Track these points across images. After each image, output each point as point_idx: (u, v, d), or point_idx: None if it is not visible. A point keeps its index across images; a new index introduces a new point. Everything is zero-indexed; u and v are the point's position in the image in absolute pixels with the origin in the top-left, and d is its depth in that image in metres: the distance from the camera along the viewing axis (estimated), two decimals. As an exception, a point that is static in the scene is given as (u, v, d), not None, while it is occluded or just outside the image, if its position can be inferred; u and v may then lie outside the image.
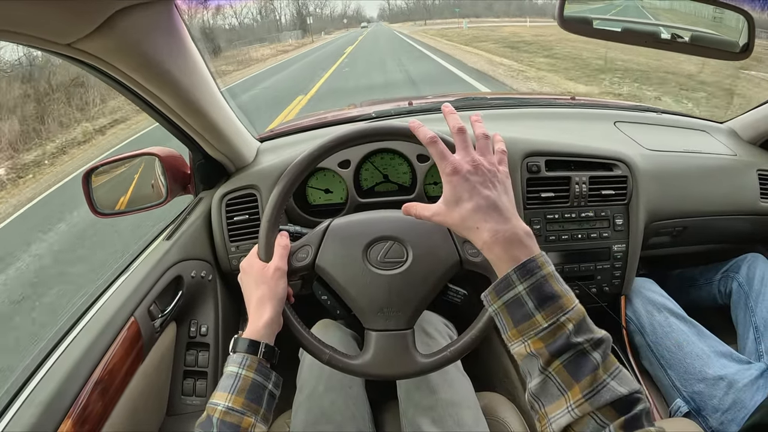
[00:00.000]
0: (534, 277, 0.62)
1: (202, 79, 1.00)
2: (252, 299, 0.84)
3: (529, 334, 0.61)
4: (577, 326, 0.60)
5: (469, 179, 0.68)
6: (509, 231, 0.65)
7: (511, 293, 0.63)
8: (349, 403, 1.01)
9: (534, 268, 0.62)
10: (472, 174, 0.68)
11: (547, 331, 0.60)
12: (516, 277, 0.62)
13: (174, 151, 1.30)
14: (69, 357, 0.90)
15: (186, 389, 1.25)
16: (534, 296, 0.61)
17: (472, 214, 0.67)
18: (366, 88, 11.80)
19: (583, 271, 1.37)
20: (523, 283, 0.62)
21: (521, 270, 0.62)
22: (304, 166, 0.88)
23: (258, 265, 0.86)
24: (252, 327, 0.81)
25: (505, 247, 0.65)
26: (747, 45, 1.05)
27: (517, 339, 0.63)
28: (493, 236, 0.65)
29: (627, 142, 1.49)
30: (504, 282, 0.63)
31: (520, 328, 0.62)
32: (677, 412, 1.24)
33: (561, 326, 0.60)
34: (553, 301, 0.61)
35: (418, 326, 1.07)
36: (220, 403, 0.73)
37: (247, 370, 0.76)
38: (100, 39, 0.70)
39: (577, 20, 1.05)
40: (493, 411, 1.06)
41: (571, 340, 0.59)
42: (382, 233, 0.88)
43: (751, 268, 1.44)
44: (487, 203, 0.67)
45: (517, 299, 0.62)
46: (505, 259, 0.64)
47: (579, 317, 0.61)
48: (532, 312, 0.61)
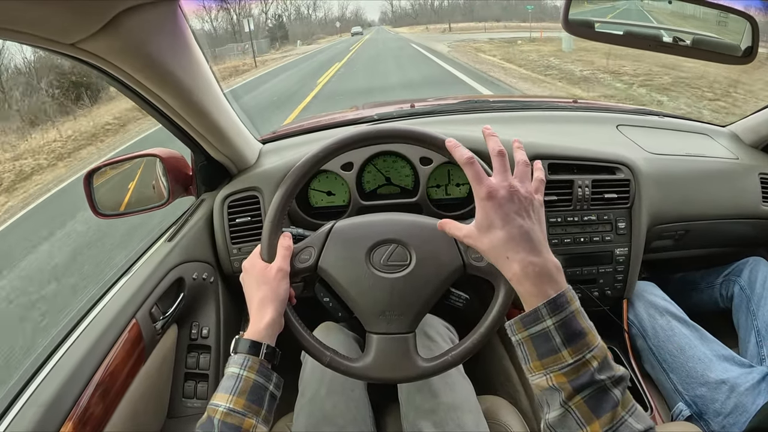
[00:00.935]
0: (563, 313, 0.62)
1: (205, 81, 1.00)
2: (254, 300, 0.84)
3: (552, 368, 0.62)
4: (601, 364, 0.61)
5: (504, 206, 0.67)
6: (540, 265, 0.65)
7: (539, 327, 0.63)
8: (350, 407, 1.01)
9: (564, 303, 0.63)
10: (507, 201, 0.68)
11: (572, 366, 0.60)
12: (546, 311, 0.63)
13: (176, 153, 1.30)
14: (71, 358, 0.89)
15: (187, 392, 1.24)
16: (562, 332, 0.62)
17: (504, 243, 0.67)
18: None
19: (585, 274, 1.37)
20: (553, 317, 0.62)
21: (551, 305, 0.63)
22: (308, 167, 0.87)
23: (260, 265, 0.86)
24: (253, 328, 0.81)
25: (535, 282, 0.65)
26: (750, 49, 1.05)
27: (539, 371, 0.63)
28: (523, 269, 0.65)
29: (629, 146, 1.49)
30: (533, 315, 0.64)
31: (544, 361, 0.63)
32: (679, 416, 1.24)
33: (586, 363, 0.60)
34: (580, 337, 0.62)
35: (420, 329, 1.06)
36: (221, 405, 0.73)
37: (248, 371, 0.76)
38: (104, 39, 0.70)
39: (580, 23, 1.05)
40: (494, 414, 1.06)
41: (595, 377, 0.60)
42: (386, 236, 0.88)
43: (753, 272, 1.44)
44: (519, 233, 0.66)
45: (544, 333, 0.63)
46: (535, 293, 0.64)
47: (602, 354, 0.62)
48: (558, 347, 0.62)
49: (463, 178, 1.37)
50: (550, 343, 0.62)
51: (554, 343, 0.62)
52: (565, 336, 0.61)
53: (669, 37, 1.07)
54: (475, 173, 0.70)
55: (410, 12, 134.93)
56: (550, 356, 0.62)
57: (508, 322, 0.68)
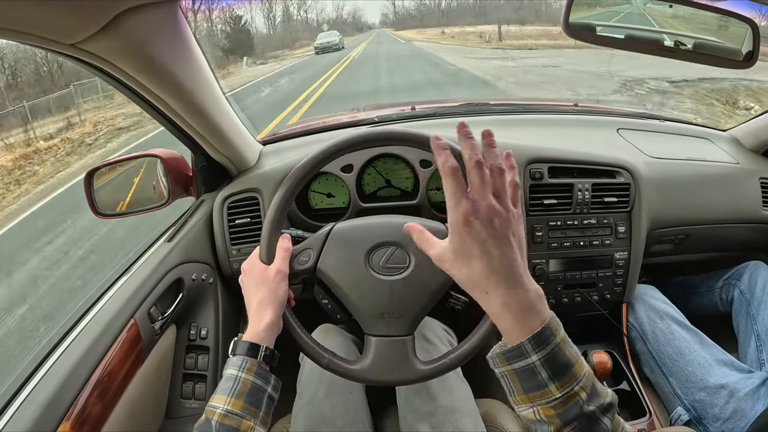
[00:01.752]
0: (549, 347, 0.58)
1: (205, 82, 1.00)
2: (252, 301, 0.84)
3: (539, 402, 0.59)
4: (590, 394, 0.58)
5: (481, 234, 0.60)
6: (522, 298, 0.59)
7: (524, 363, 0.59)
8: (349, 409, 1.01)
9: (548, 336, 0.58)
10: (486, 226, 0.60)
11: (560, 400, 0.58)
12: (530, 347, 0.58)
13: (176, 153, 1.30)
14: (69, 358, 0.89)
15: (185, 392, 1.24)
16: (548, 366, 0.58)
17: (484, 278, 0.60)
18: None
19: (584, 278, 1.37)
20: (538, 353, 0.58)
21: (536, 339, 0.58)
22: (308, 169, 0.87)
23: (259, 267, 0.86)
24: (252, 330, 0.80)
25: (517, 316, 0.59)
26: (751, 53, 1.05)
27: (525, 404, 0.61)
28: (504, 304, 0.60)
29: (630, 150, 1.49)
30: (516, 351, 0.59)
31: (530, 395, 0.59)
32: (678, 421, 1.24)
33: (574, 395, 0.58)
34: (567, 369, 0.58)
35: (418, 332, 1.06)
36: (219, 406, 0.72)
37: (246, 373, 0.76)
38: (104, 39, 0.70)
39: (581, 27, 1.05)
40: (492, 418, 1.06)
41: (584, 410, 0.57)
42: (385, 238, 0.88)
43: (752, 276, 1.44)
44: (500, 265, 0.60)
45: (529, 368, 0.59)
46: (517, 328, 0.59)
47: (590, 383, 0.59)
48: (545, 382, 0.58)
49: None
50: (536, 378, 0.58)
51: (540, 378, 0.58)
52: (551, 371, 0.58)
53: (670, 41, 1.07)
54: (454, 188, 0.61)
55: (414, 13, 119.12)
56: (536, 391, 0.59)
57: (489, 354, 0.64)
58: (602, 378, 1.10)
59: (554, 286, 1.37)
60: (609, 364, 1.09)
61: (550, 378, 0.58)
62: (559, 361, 0.58)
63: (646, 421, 1.27)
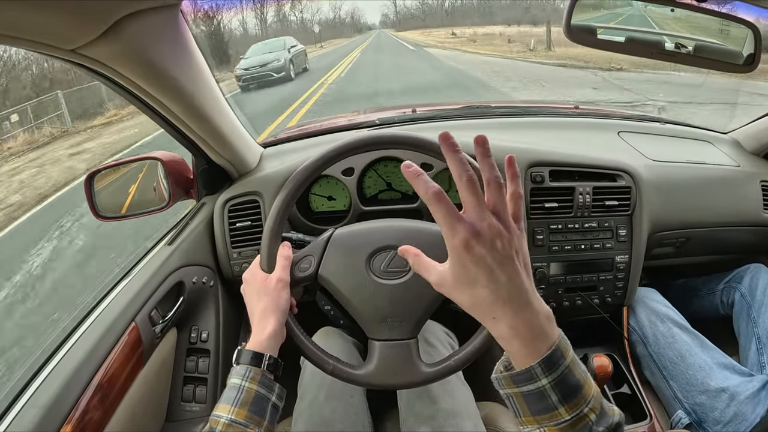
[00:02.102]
0: (559, 369, 0.55)
1: (206, 86, 1.00)
2: (255, 311, 0.84)
3: (547, 424, 0.57)
4: (599, 415, 0.56)
5: (485, 258, 0.55)
6: (530, 321, 0.56)
7: (533, 386, 0.56)
8: (350, 412, 1.01)
9: (558, 358, 0.56)
10: (489, 250, 0.55)
11: (569, 422, 0.56)
12: (540, 370, 0.55)
13: (177, 156, 1.30)
14: (70, 361, 0.89)
15: (186, 395, 1.24)
16: (558, 390, 0.55)
17: (490, 304, 0.57)
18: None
19: (585, 281, 1.37)
20: (548, 376, 0.55)
21: (546, 363, 0.55)
22: (309, 173, 0.88)
23: (261, 276, 0.86)
24: (255, 339, 0.81)
25: (526, 340, 0.56)
26: (753, 57, 1.05)
27: (532, 425, 0.58)
28: (512, 329, 0.56)
29: (631, 153, 1.49)
30: (525, 374, 0.56)
31: (538, 417, 0.57)
32: (678, 424, 1.24)
33: (584, 417, 0.56)
34: (577, 391, 0.56)
35: (420, 336, 1.06)
36: (223, 416, 0.73)
37: (250, 382, 0.76)
38: (105, 45, 0.70)
39: (582, 29, 1.05)
40: (493, 421, 1.06)
41: (593, 431, 0.56)
42: (385, 242, 0.88)
43: (753, 279, 1.44)
44: (507, 291, 0.56)
45: (539, 392, 0.56)
46: (525, 353, 0.56)
47: (599, 404, 0.57)
48: (555, 405, 0.56)
49: None
50: (546, 402, 0.56)
51: (550, 402, 0.56)
52: (561, 393, 0.55)
53: (671, 44, 1.07)
54: (444, 213, 0.56)
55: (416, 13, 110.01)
56: (545, 414, 0.56)
57: (495, 375, 0.61)
58: (603, 382, 1.10)
59: (555, 290, 1.37)
60: (610, 368, 1.09)
61: (559, 401, 0.55)
62: (569, 384, 0.56)
63: (646, 424, 1.27)
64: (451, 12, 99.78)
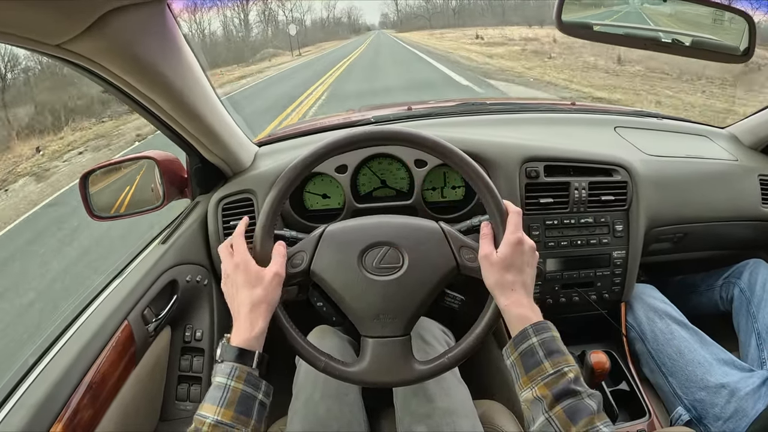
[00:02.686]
0: (545, 334, 0.77)
1: (196, 82, 0.99)
2: (244, 302, 0.81)
3: (536, 380, 0.74)
4: (576, 378, 0.73)
5: (525, 254, 0.83)
6: (530, 303, 0.82)
7: (526, 344, 0.77)
8: (345, 411, 1.00)
9: (546, 328, 0.78)
10: (528, 250, 0.84)
11: (552, 377, 0.73)
12: (532, 331, 0.77)
13: (171, 155, 1.29)
14: (61, 360, 0.89)
15: (180, 394, 1.24)
16: (544, 348, 0.76)
17: (511, 282, 0.81)
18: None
19: (582, 277, 1.36)
20: (537, 336, 0.77)
21: (536, 326, 0.78)
22: (299, 170, 0.87)
23: (255, 266, 0.83)
24: (243, 335, 0.78)
25: (526, 311, 0.80)
26: (748, 48, 1.05)
27: (527, 385, 0.76)
28: (520, 302, 0.81)
29: (627, 148, 1.48)
30: (521, 335, 0.78)
31: (530, 374, 0.75)
32: (678, 421, 1.23)
33: (563, 374, 0.73)
34: (558, 354, 0.76)
35: (415, 333, 1.06)
36: (209, 416, 0.71)
37: (235, 381, 0.74)
38: (90, 40, 0.69)
39: (577, 25, 1.05)
40: (490, 419, 1.05)
41: (571, 387, 0.72)
42: (377, 239, 0.87)
43: (753, 274, 1.43)
44: (525, 278, 0.83)
45: (530, 349, 0.76)
46: (523, 320, 0.80)
47: (577, 372, 0.74)
48: (541, 360, 0.75)
49: (458, 181, 1.36)
50: (535, 357, 0.75)
51: (538, 357, 0.75)
52: (546, 351, 0.75)
53: (668, 39, 1.07)
54: (517, 222, 0.84)
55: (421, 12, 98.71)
56: (534, 368, 0.75)
57: (505, 347, 0.82)
58: (601, 378, 1.09)
59: (552, 286, 1.36)
60: (607, 364, 1.08)
61: (545, 356, 0.75)
62: (552, 346, 0.76)
63: (646, 421, 1.26)
64: (458, 11, 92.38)
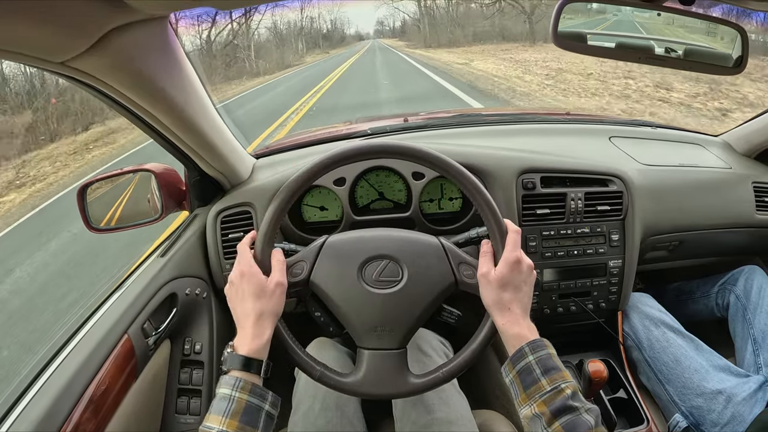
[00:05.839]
0: (541, 352, 0.79)
1: (196, 97, 1.00)
2: (250, 312, 0.82)
3: (535, 397, 0.76)
4: (573, 393, 0.74)
5: (522, 274, 0.84)
6: (527, 321, 0.84)
7: (523, 362, 0.79)
8: (344, 423, 1.00)
9: (542, 345, 0.80)
10: (526, 270, 0.85)
11: (550, 394, 0.74)
12: (528, 349, 0.79)
13: (169, 167, 1.30)
14: (62, 374, 0.89)
15: (180, 407, 1.23)
16: (541, 365, 0.77)
17: (509, 301, 0.83)
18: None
19: (579, 287, 1.37)
20: (533, 354, 0.78)
21: (532, 345, 0.79)
22: (301, 182, 0.88)
23: (259, 278, 0.84)
24: (251, 345, 0.79)
25: (522, 330, 0.82)
26: (740, 59, 1.06)
27: (525, 403, 0.77)
28: (516, 320, 0.82)
29: (622, 157, 1.50)
30: (518, 353, 0.80)
31: (528, 392, 0.77)
32: (676, 427, 1.24)
33: (561, 391, 0.74)
34: (555, 371, 0.77)
35: (414, 344, 1.06)
36: (214, 427, 0.71)
37: (240, 392, 0.75)
38: (94, 57, 0.70)
39: (571, 36, 1.05)
40: (489, 429, 1.05)
41: (568, 403, 0.73)
42: (378, 252, 0.88)
43: (748, 281, 1.44)
44: (520, 301, 0.84)
45: (527, 367, 0.78)
46: (520, 338, 0.81)
47: (575, 388, 0.76)
48: (539, 377, 0.76)
49: (455, 193, 1.37)
50: (532, 375, 0.77)
51: (535, 375, 0.77)
52: (543, 369, 0.77)
53: (661, 48, 1.08)
54: (516, 240, 0.85)
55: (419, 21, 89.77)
56: (532, 386, 0.76)
57: (503, 367, 0.83)
58: (599, 387, 1.09)
59: (548, 296, 1.37)
60: (605, 373, 1.08)
61: (542, 374, 0.76)
62: (548, 364, 0.78)
63: (644, 428, 1.27)
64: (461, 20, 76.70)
